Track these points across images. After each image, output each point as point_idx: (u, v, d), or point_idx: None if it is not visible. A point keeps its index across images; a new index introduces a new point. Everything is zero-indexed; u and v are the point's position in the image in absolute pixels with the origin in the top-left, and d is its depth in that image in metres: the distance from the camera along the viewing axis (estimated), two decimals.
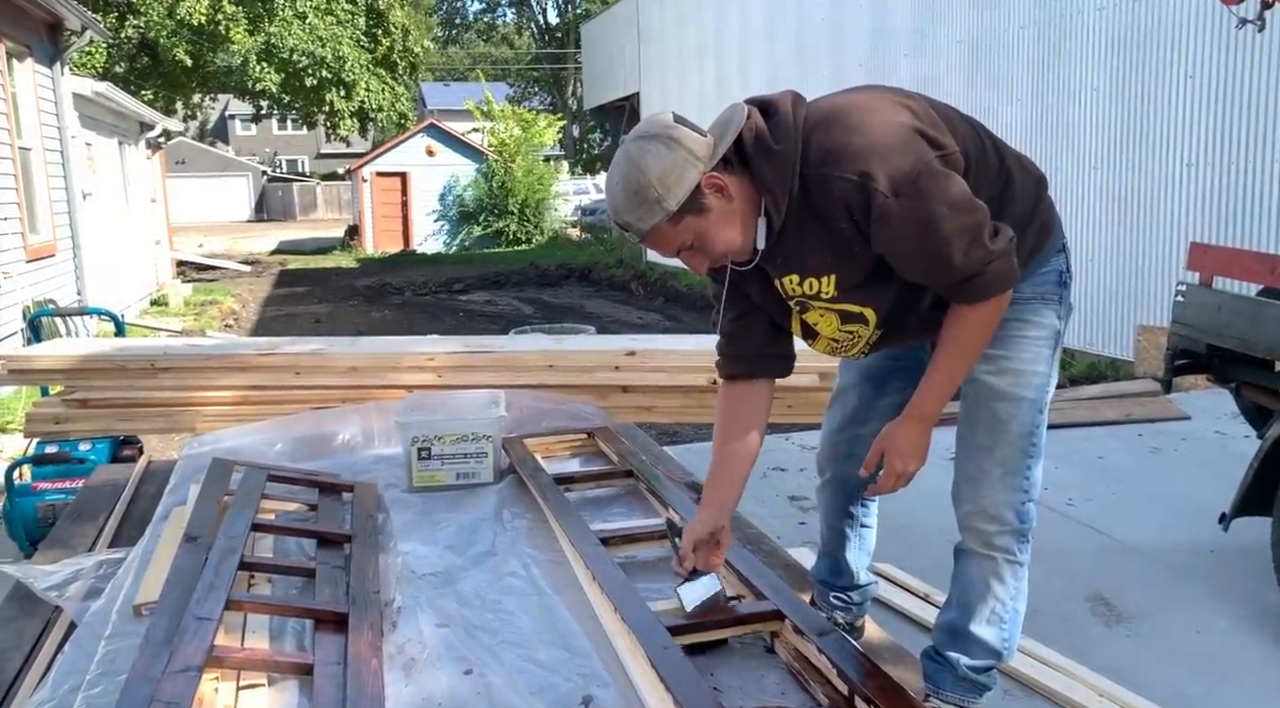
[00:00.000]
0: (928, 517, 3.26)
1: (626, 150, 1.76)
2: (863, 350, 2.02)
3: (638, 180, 1.72)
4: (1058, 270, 2.02)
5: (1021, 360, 1.97)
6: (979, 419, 2.01)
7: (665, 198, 1.72)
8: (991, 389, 1.98)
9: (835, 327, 1.96)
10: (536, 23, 39.47)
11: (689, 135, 1.73)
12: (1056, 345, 2.02)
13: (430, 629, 1.98)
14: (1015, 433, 1.98)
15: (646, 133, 1.75)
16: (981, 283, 1.78)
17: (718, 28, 14.84)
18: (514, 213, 24.25)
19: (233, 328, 12.93)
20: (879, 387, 2.22)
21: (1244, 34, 5.55)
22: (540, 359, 3.93)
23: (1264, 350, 3.12)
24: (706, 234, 1.79)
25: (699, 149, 1.73)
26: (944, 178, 1.73)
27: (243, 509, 2.42)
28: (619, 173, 1.76)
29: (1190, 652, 2.87)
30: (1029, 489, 2.01)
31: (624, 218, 1.77)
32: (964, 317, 1.84)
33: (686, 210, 1.74)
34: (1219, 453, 4.63)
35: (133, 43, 20.56)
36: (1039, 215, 1.98)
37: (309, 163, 49.07)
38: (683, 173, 1.71)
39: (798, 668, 1.83)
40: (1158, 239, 7.30)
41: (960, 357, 1.88)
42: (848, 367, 2.29)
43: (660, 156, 1.71)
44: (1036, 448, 2.00)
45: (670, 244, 1.80)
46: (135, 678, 1.64)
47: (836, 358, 2.14)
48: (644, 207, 1.73)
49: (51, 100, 10.07)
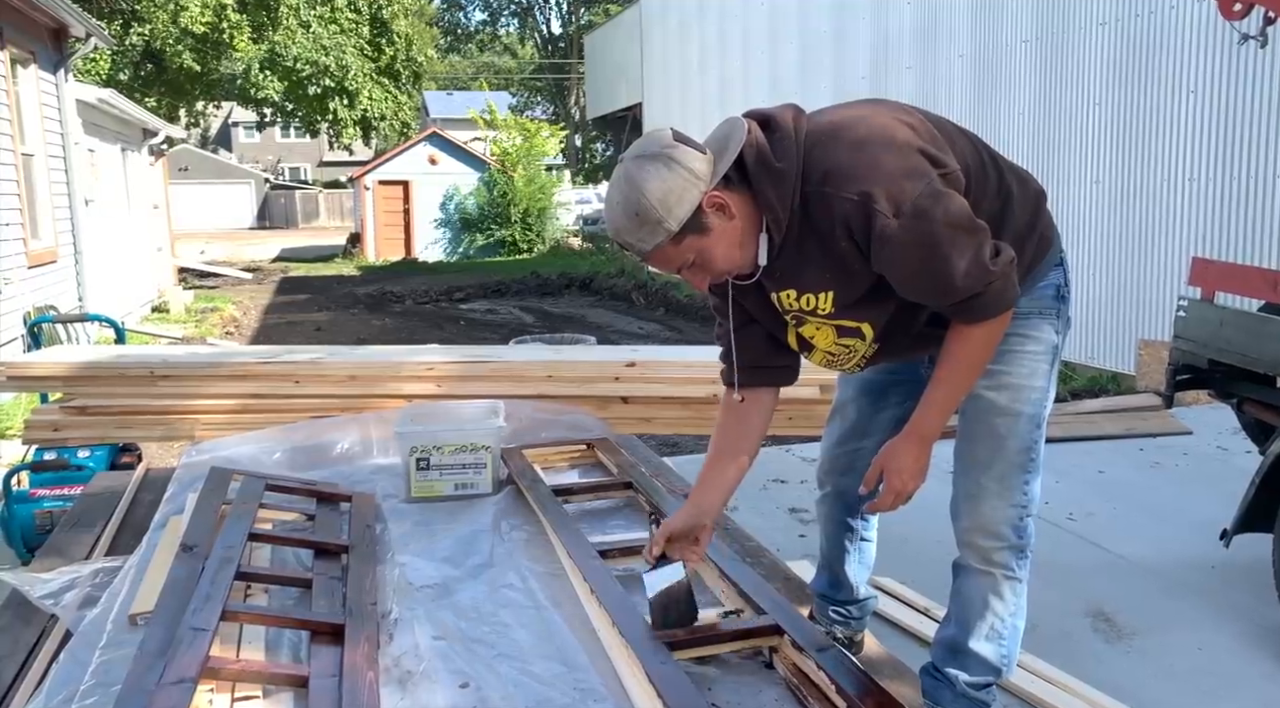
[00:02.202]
0: (928, 531, 3.24)
1: (626, 170, 1.74)
2: (858, 364, 2.02)
3: (638, 202, 1.71)
4: (1055, 285, 2.02)
5: (1020, 375, 1.97)
6: (978, 434, 2.00)
7: (666, 219, 1.70)
8: (991, 404, 1.98)
9: (831, 340, 1.96)
10: (540, 32, 39.60)
11: (690, 154, 1.72)
12: (1054, 360, 2.01)
13: (427, 642, 1.96)
14: (1014, 448, 1.97)
15: (645, 152, 1.74)
16: (982, 302, 1.78)
17: (720, 39, 14.87)
18: (516, 222, 24.29)
19: (233, 335, 12.92)
20: (878, 400, 2.21)
21: (1246, 49, 5.56)
22: (540, 369, 3.92)
23: (1266, 366, 3.12)
24: (708, 252, 1.78)
25: (700, 168, 1.72)
26: (945, 198, 1.73)
27: (240, 519, 2.41)
28: (619, 194, 1.74)
29: (1191, 669, 2.85)
30: (1028, 505, 2.00)
31: (625, 239, 1.76)
32: (966, 335, 1.83)
33: (688, 230, 1.73)
34: (1220, 468, 4.61)
35: (137, 50, 20.65)
36: (1038, 229, 1.98)
37: (311, 171, 49.17)
38: (684, 193, 1.70)
39: (796, 683, 1.82)
40: (1160, 253, 7.29)
41: (962, 374, 1.87)
42: (846, 381, 2.28)
43: (661, 177, 1.70)
44: (1035, 463, 2.00)
45: (672, 263, 1.79)
46: (129, 689, 1.63)
47: (833, 371, 2.13)
48: (645, 228, 1.72)
49: (55, 107, 10.10)
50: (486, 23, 41.28)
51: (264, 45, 21.74)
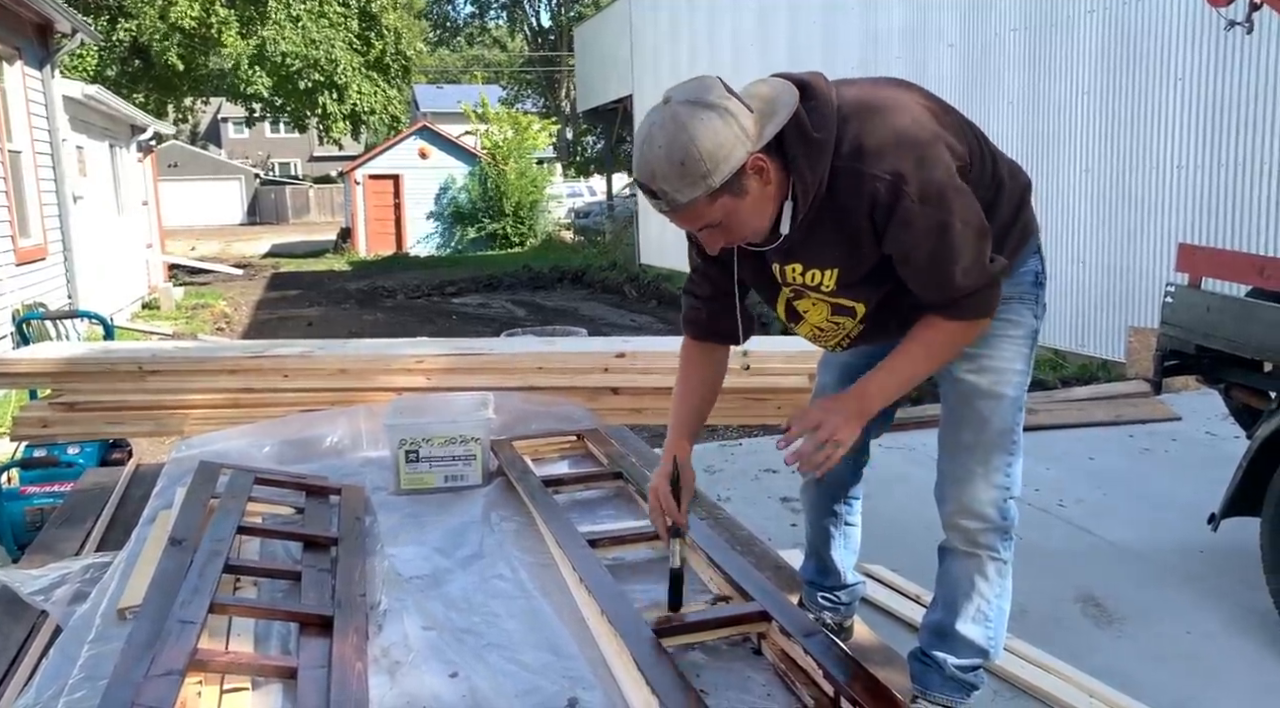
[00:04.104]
0: (919, 517, 3.26)
1: (674, 113, 1.64)
2: (841, 343, 2.03)
3: (687, 150, 1.61)
4: (1034, 271, 2.04)
5: (1002, 358, 1.99)
6: (961, 418, 2.02)
7: (712, 174, 1.63)
8: (974, 388, 1.99)
9: (824, 316, 1.96)
10: (529, 25, 39.46)
11: (742, 110, 1.65)
12: (1033, 344, 2.04)
13: (416, 632, 1.96)
14: (996, 431, 1.99)
15: (699, 99, 1.64)
16: (971, 302, 1.80)
17: (710, 31, 14.85)
18: (507, 215, 24.26)
19: (224, 331, 12.90)
20: None
21: (1233, 36, 5.57)
22: (530, 361, 3.92)
23: (1252, 351, 3.12)
24: (737, 215, 1.72)
25: (750, 127, 1.65)
26: (965, 193, 1.74)
27: (229, 512, 2.41)
28: (665, 136, 1.63)
29: (1180, 653, 2.87)
30: (1010, 486, 2.02)
31: (660, 185, 1.66)
32: (940, 327, 1.84)
33: (727, 189, 1.66)
34: (1209, 454, 4.63)
35: (124, 46, 20.54)
36: (1021, 220, 1.99)
37: (301, 166, 49.03)
38: (733, 150, 1.63)
39: (784, 669, 1.82)
40: (1149, 240, 7.31)
41: (923, 360, 1.87)
42: (826, 365, 2.29)
43: (715, 129, 1.61)
44: (1016, 445, 2.02)
45: (699, 220, 1.72)
46: (116, 682, 1.62)
47: (816, 346, 2.13)
48: (686, 179, 1.64)
49: (42, 103, 10.04)
50: (476, 15, 41.09)
51: (253, 40, 21.62)
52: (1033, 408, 5.50)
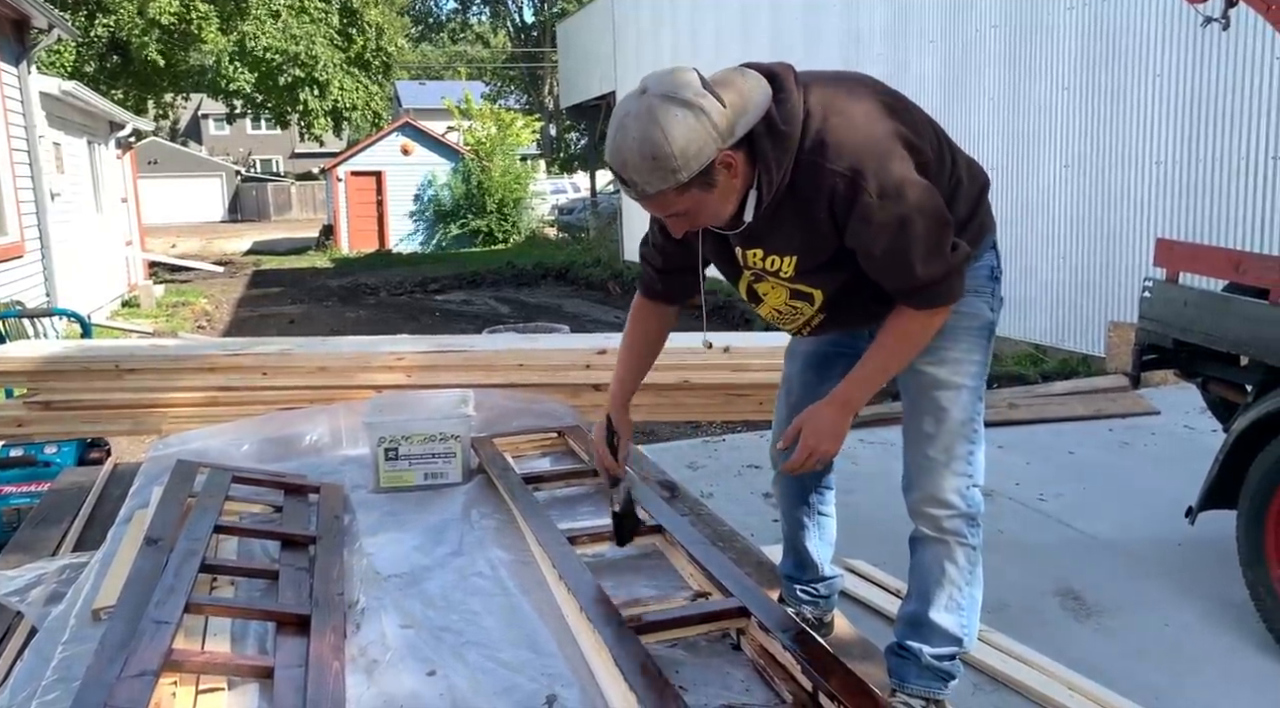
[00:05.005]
0: (899, 513, 3.24)
1: (649, 107, 1.68)
2: (802, 328, 2.08)
3: (659, 146, 1.67)
4: (989, 265, 2.08)
5: (959, 350, 2.02)
6: (922, 408, 2.05)
7: (681, 170, 1.69)
8: (933, 379, 2.03)
9: (783, 300, 2.02)
10: (512, 21, 39.33)
11: (715, 107, 1.69)
12: (990, 336, 2.08)
13: (394, 631, 1.96)
14: (957, 420, 2.02)
15: (674, 94, 1.68)
16: (934, 292, 1.85)
17: (692, 29, 14.84)
18: (491, 212, 24.17)
19: (205, 329, 12.81)
20: (821, 373, 2.23)
21: (1209, 32, 5.60)
22: (511, 358, 3.91)
23: (1229, 345, 3.14)
24: (704, 205, 1.79)
25: (722, 124, 1.70)
26: (925, 188, 1.79)
27: (206, 511, 2.39)
28: (637, 129, 1.68)
29: (1158, 644, 2.89)
30: (973, 474, 2.05)
31: (630, 175, 1.72)
32: (909, 319, 1.89)
33: (695, 183, 1.72)
34: (1187, 447, 4.67)
35: (103, 42, 20.34)
36: (978, 217, 2.03)
37: (283, 163, 48.74)
38: (703, 147, 1.69)
39: (763, 665, 1.83)
40: (1129, 236, 7.36)
41: (895, 355, 1.93)
42: (793, 355, 2.32)
43: (687, 126, 1.67)
44: (978, 434, 2.06)
45: (667, 208, 1.79)
46: (89, 683, 1.61)
47: (779, 329, 2.18)
48: (657, 173, 1.70)
49: (18, 99, 9.94)
50: (458, 11, 40.90)
51: (233, 36, 21.46)
52: (1013, 402, 5.53)
